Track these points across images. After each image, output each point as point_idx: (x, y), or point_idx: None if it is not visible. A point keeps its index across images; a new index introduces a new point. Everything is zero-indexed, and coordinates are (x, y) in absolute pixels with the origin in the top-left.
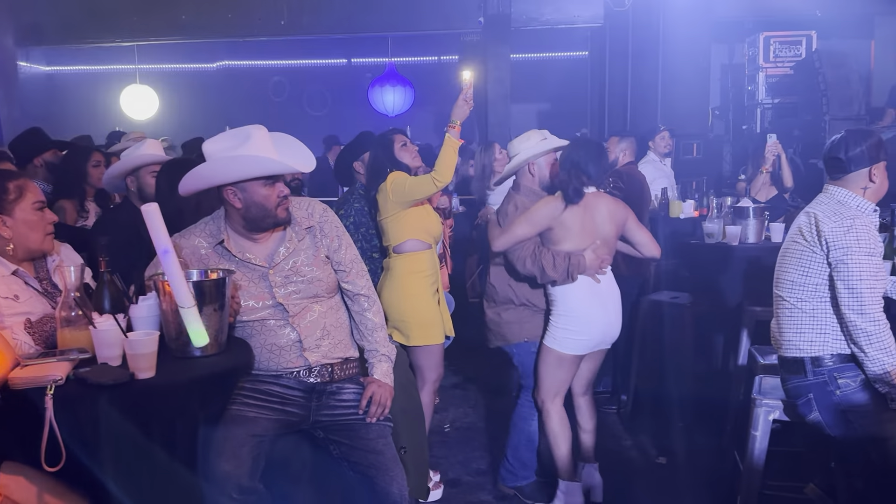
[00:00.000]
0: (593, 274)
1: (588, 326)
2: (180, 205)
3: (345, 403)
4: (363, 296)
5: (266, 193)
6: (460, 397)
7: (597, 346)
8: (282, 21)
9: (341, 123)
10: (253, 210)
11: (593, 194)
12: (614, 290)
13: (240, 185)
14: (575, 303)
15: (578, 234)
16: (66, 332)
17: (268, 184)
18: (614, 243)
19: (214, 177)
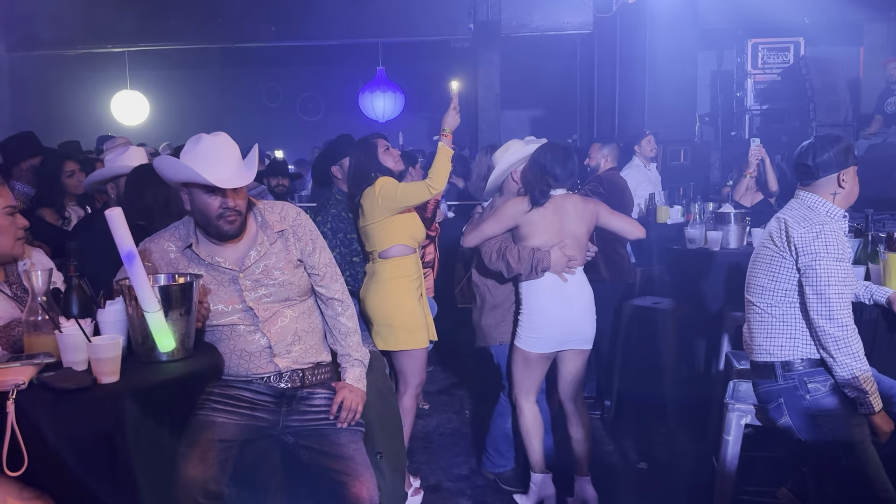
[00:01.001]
0: (559, 272)
1: (549, 325)
2: (149, 208)
3: (315, 409)
4: (337, 300)
5: (206, 201)
6: (445, 403)
7: (562, 346)
8: (272, 27)
9: (334, 129)
10: (197, 215)
11: (562, 196)
12: (583, 291)
13: (188, 188)
14: (538, 300)
15: (545, 232)
16: (33, 337)
17: (208, 193)
18: (585, 242)
19: (162, 174)
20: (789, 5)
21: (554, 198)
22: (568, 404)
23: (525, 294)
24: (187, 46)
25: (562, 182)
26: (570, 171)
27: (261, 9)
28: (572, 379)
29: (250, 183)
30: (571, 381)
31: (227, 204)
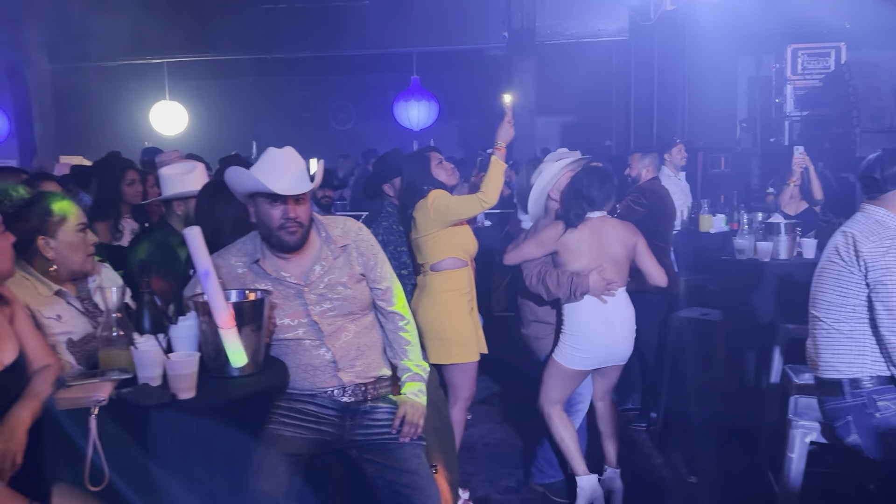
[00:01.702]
0: (599, 294)
1: (591, 345)
2: (219, 224)
3: (378, 423)
4: (397, 314)
5: (269, 212)
6: (488, 413)
7: (601, 364)
8: (309, 38)
9: (366, 137)
10: (261, 227)
11: (600, 218)
12: (624, 311)
13: (253, 200)
14: (580, 321)
15: (583, 256)
16: (108, 353)
17: (271, 203)
18: (625, 265)
19: (230, 187)
20: (830, 10)
21: (591, 220)
22: (598, 403)
23: (567, 314)
24: (225, 57)
25: (598, 205)
26: (607, 195)
27: (298, 20)
28: (606, 388)
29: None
30: (605, 388)
31: (288, 214)
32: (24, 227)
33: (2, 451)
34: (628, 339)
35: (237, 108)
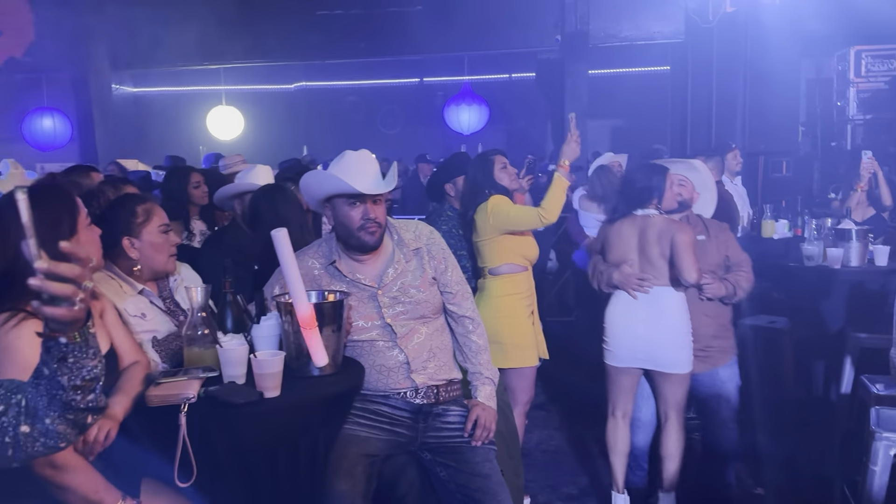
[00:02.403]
0: (627, 288)
1: (612, 337)
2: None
3: (450, 426)
4: (468, 318)
5: (349, 214)
6: (544, 419)
7: (633, 363)
8: (362, 43)
9: (414, 141)
10: (340, 229)
11: (644, 216)
12: (657, 313)
13: (331, 202)
14: (609, 313)
15: (616, 250)
16: (193, 351)
17: (351, 203)
18: (662, 264)
19: (307, 192)
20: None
21: (635, 217)
22: (662, 418)
23: (606, 307)
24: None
25: (635, 203)
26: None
27: (352, 26)
28: (662, 399)
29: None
30: (662, 400)
31: (368, 214)
32: (110, 227)
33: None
34: (661, 342)
35: (289, 113)
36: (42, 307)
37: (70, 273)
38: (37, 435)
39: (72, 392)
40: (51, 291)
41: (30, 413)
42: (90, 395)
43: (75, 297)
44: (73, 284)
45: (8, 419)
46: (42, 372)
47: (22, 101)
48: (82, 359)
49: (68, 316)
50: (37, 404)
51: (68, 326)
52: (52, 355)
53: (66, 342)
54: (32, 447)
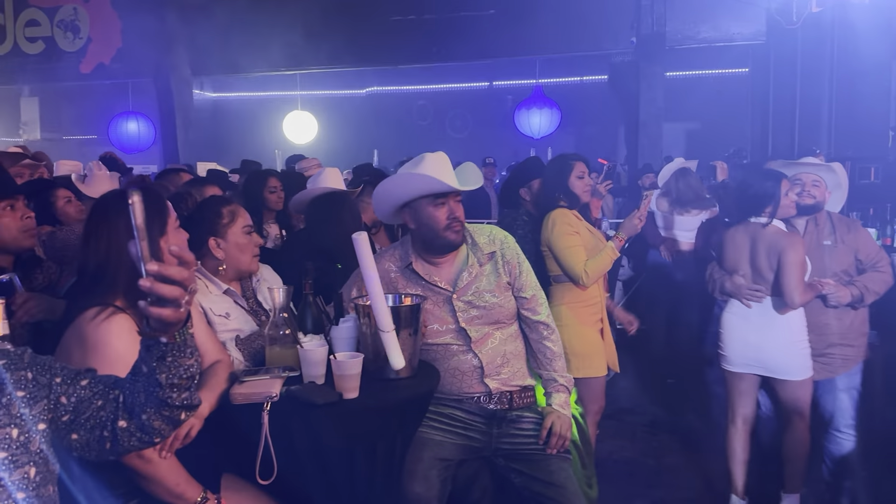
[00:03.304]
0: (738, 297)
1: (728, 344)
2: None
3: (525, 432)
4: (542, 324)
5: (434, 214)
6: (616, 428)
7: (745, 368)
8: (434, 48)
9: (482, 145)
10: (424, 230)
11: (758, 225)
12: (769, 320)
13: (412, 205)
14: (724, 320)
15: (729, 258)
16: (274, 350)
17: (436, 204)
18: (769, 275)
19: (388, 196)
20: None
21: (748, 224)
22: (784, 421)
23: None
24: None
25: (747, 210)
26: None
27: (424, 31)
28: (782, 403)
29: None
30: (781, 404)
31: (453, 213)
32: (197, 228)
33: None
34: (773, 351)
35: (361, 117)
36: (149, 308)
37: (178, 276)
38: (133, 430)
39: (168, 390)
40: (160, 293)
41: (127, 408)
42: (185, 392)
43: (182, 299)
44: (180, 287)
45: (106, 414)
46: (141, 369)
47: (109, 105)
48: (180, 358)
49: (174, 317)
50: (134, 400)
51: (171, 327)
52: (152, 354)
53: (166, 342)
54: (129, 441)
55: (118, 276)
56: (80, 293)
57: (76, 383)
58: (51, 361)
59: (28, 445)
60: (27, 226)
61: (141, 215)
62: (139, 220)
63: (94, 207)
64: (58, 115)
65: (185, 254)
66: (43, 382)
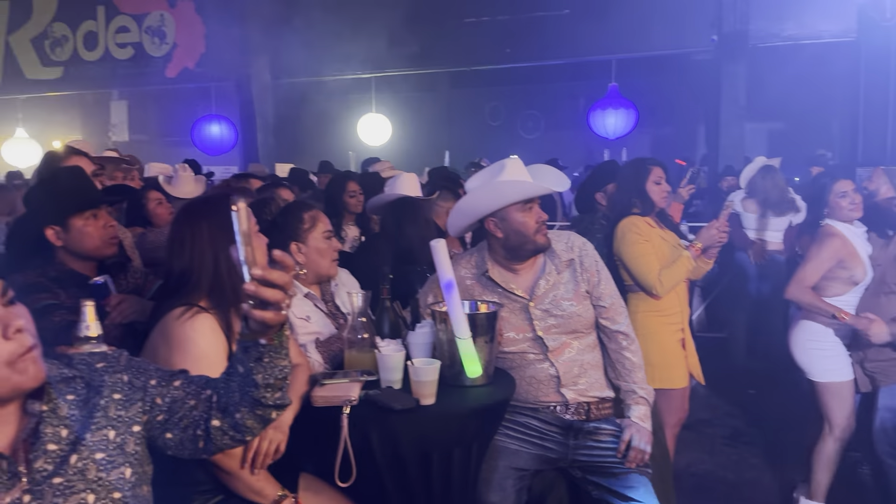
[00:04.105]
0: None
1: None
2: (410, 241)
3: (602, 445)
4: (622, 333)
5: (523, 220)
6: (693, 440)
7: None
8: (507, 49)
9: (554, 146)
10: (513, 238)
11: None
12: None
13: (499, 214)
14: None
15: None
16: (353, 354)
17: (525, 209)
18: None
19: (475, 209)
20: None
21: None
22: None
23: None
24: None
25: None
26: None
27: (498, 32)
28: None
29: None
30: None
31: (540, 217)
32: (279, 233)
33: (272, 436)
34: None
35: (433, 119)
36: (252, 311)
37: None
38: (227, 428)
39: (264, 389)
40: (263, 297)
41: (221, 407)
42: (278, 392)
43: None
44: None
45: (199, 413)
46: (237, 370)
47: (193, 108)
48: (276, 359)
49: (275, 320)
50: (229, 399)
51: (270, 329)
52: (250, 355)
53: (265, 343)
54: (222, 440)
55: (202, 279)
56: (166, 294)
57: (170, 384)
58: (146, 364)
59: (124, 447)
60: (109, 234)
61: (246, 222)
62: (244, 227)
63: (178, 213)
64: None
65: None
66: (138, 385)
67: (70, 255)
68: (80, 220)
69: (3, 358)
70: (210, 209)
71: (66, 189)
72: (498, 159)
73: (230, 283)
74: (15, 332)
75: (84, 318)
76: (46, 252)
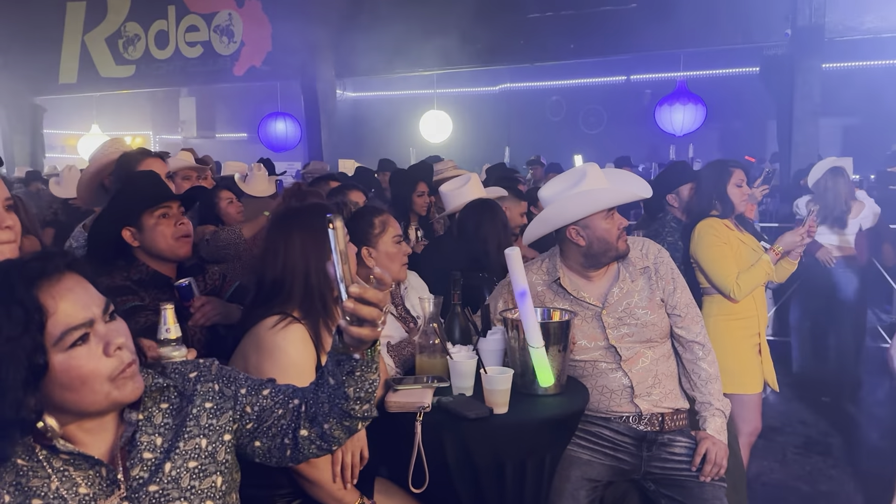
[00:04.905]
0: None
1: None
2: (486, 245)
3: (677, 457)
4: (698, 343)
5: (607, 227)
6: (764, 448)
7: None
8: (571, 45)
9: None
10: (595, 245)
11: None
12: None
13: (581, 221)
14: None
15: None
16: (424, 359)
17: (608, 216)
18: None
19: (560, 218)
20: None
21: None
22: None
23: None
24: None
25: None
26: None
27: (562, 27)
28: None
29: None
30: None
31: (621, 224)
32: (351, 238)
33: (352, 447)
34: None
35: (493, 114)
36: (349, 327)
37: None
38: (314, 438)
39: (353, 402)
40: (361, 315)
41: (309, 417)
42: (367, 405)
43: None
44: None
45: (286, 422)
46: (327, 381)
47: (259, 105)
48: (367, 373)
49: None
50: (317, 410)
51: (364, 344)
52: (343, 368)
53: (357, 357)
54: (308, 449)
55: (294, 289)
56: (258, 303)
57: (259, 393)
58: (235, 372)
59: (215, 455)
60: (182, 232)
61: (343, 240)
62: (341, 245)
63: (271, 222)
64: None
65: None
66: (229, 394)
67: (148, 256)
68: (152, 219)
69: (105, 374)
70: (302, 221)
71: (139, 190)
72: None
73: (320, 295)
74: (116, 349)
75: (164, 321)
76: (127, 254)
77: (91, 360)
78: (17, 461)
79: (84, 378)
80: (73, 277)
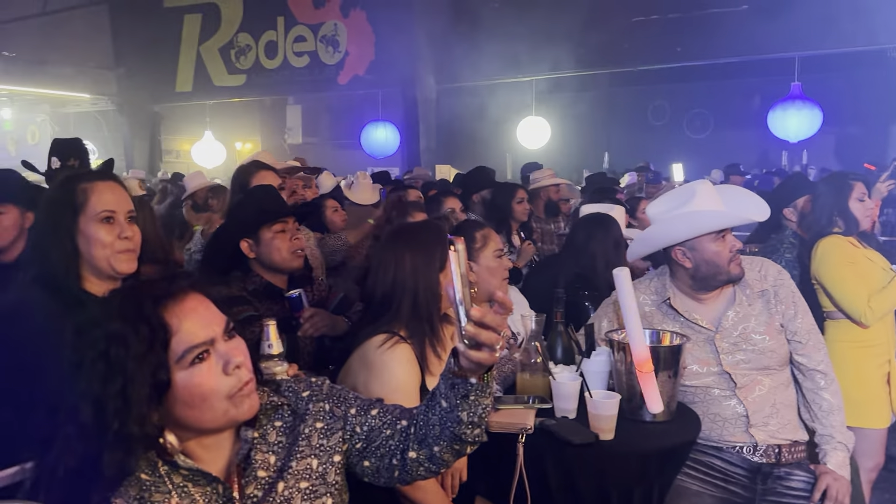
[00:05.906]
0: None
1: None
2: (594, 261)
3: (794, 492)
4: (819, 372)
5: (717, 249)
6: (883, 480)
7: None
8: (678, 48)
9: (724, 147)
10: (703, 268)
11: None
12: None
13: (688, 243)
14: None
15: None
16: (526, 377)
17: (718, 238)
18: None
19: (663, 238)
20: None
21: None
22: None
23: None
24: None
25: None
26: None
27: (667, 30)
28: None
29: None
30: None
31: (734, 247)
32: None
33: (454, 470)
34: None
35: (593, 119)
36: (468, 351)
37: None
38: (423, 460)
39: (465, 426)
40: (480, 340)
41: (418, 439)
42: (478, 429)
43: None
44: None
45: (395, 443)
46: (440, 404)
47: (361, 113)
48: (481, 397)
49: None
50: (427, 432)
51: (481, 369)
52: (457, 392)
53: (473, 382)
54: (416, 470)
55: (402, 307)
56: (368, 320)
57: (368, 413)
58: (345, 392)
59: (326, 476)
60: (296, 247)
61: (465, 263)
62: (462, 268)
63: (384, 238)
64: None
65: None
66: (339, 414)
67: (263, 268)
68: (270, 233)
69: (223, 393)
70: (413, 239)
71: (258, 204)
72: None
73: (427, 315)
74: (235, 367)
75: (267, 337)
76: (241, 264)
77: (211, 378)
78: (141, 476)
79: (204, 395)
80: (196, 297)
